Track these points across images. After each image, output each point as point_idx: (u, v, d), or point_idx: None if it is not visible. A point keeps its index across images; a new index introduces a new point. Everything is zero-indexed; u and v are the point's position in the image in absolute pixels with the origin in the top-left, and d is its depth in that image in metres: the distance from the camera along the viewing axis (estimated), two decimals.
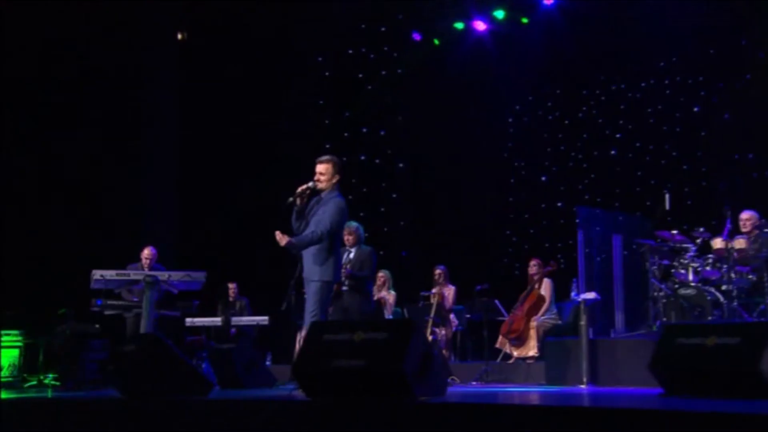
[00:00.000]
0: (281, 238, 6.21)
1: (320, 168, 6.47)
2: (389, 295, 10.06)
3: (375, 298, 8.91)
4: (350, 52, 13.38)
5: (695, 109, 11.84)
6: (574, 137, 12.78)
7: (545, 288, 9.60)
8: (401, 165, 13.28)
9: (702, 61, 11.47)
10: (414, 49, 13.02)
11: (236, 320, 10.49)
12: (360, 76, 13.39)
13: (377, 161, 13.10)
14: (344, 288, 7.64)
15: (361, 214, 11.17)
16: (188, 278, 9.03)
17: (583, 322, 8.13)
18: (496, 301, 9.57)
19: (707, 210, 9.52)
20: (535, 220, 12.72)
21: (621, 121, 12.40)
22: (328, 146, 13.11)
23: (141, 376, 5.68)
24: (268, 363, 10.09)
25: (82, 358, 9.52)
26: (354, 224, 7.87)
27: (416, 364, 5.04)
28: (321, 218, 6.35)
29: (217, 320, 10.32)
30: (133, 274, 9.02)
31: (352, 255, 7.88)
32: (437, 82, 13.06)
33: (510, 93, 13.11)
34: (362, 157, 13.29)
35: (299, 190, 6.37)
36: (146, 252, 9.64)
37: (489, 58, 12.93)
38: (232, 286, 11.24)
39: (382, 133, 13.39)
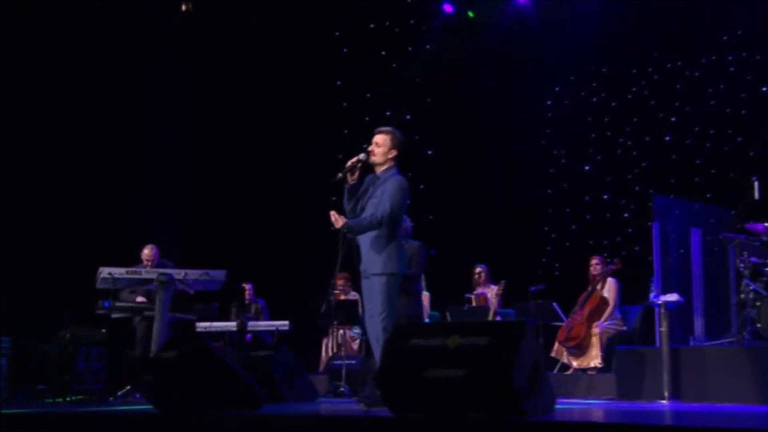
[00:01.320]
0: (336, 219, 5.88)
1: (377, 138, 6.18)
2: (423, 297, 9.64)
3: None
4: (372, 26, 12.92)
5: (764, 89, 11.54)
6: (623, 122, 12.45)
7: (609, 289, 9.29)
8: (429, 152, 12.81)
9: None
10: (445, 23, 12.67)
11: (253, 325, 10.02)
12: (383, 53, 12.91)
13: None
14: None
15: None
16: (206, 277, 8.64)
17: (663, 329, 7.78)
18: (555, 304, 9.22)
19: None
20: (594, 213, 12.36)
21: (677, 103, 12.08)
22: (346, 132, 12.76)
23: (182, 387, 5.23)
24: None
25: (77, 367, 9.00)
26: None
27: (526, 375, 4.64)
28: (380, 200, 6.01)
29: (231, 325, 9.81)
30: (144, 272, 8.57)
31: None
32: (470, 60, 12.69)
33: (550, 72, 12.81)
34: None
35: (349, 163, 6.05)
36: (146, 252, 9.23)
37: (528, 32, 12.62)
38: (247, 287, 10.78)
39: (408, 117, 12.90)
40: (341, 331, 10.00)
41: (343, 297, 10.06)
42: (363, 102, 12.93)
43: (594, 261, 9.42)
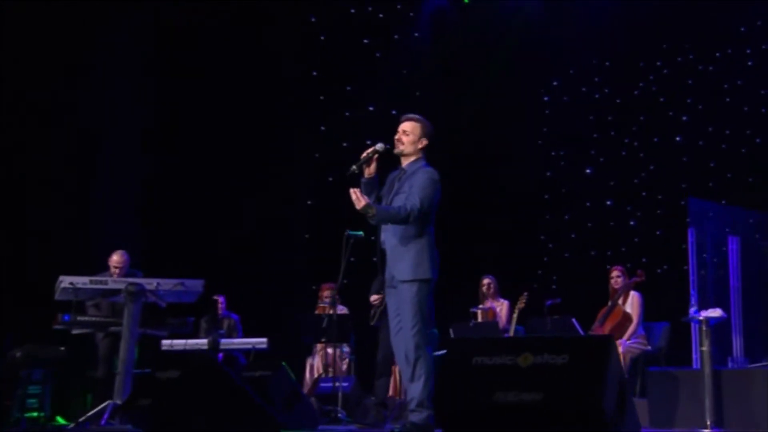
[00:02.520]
0: (359, 198, 5.50)
1: (405, 126, 5.96)
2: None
3: None
4: (352, 11, 12.56)
5: None
6: (629, 120, 12.30)
7: (632, 304, 9.01)
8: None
9: None
10: (436, 9, 12.42)
11: (226, 343, 9.49)
12: (365, 41, 12.48)
13: (387, 146, 12.14)
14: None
15: None
16: (181, 288, 8.12)
17: (705, 348, 7.47)
18: (574, 320, 8.84)
19: None
20: (602, 220, 12.24)
21: (689, 100, 11.96)
22: (323, 128, 12.32)
23: (186, 411, 4.90)
24: None
25: (20, 391, 8.42)
26: None
27: (614, 399, 4.22)
28: (408, 194, 5.73)
29: (201, 342, 9.24)
30: (111, 282, 7.99)
31: None
32: (462, 51, 12.44)
33: (548, 65, 12.66)
34: (368, 142, 12.29)
35: (364, 154, 5.82)
36: (116, 258, 8.74)
37: (524, 20, 12.44)
38: (219, 300, 10.23)
39: (394, 112, 12.42)
40: (329, 350, 9.48)
41: (330, 311, 9.53)
42: (342, 95, 12.52)
43: (615, 273, 9.15)
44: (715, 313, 7.57)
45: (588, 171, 12.57)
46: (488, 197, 12.39)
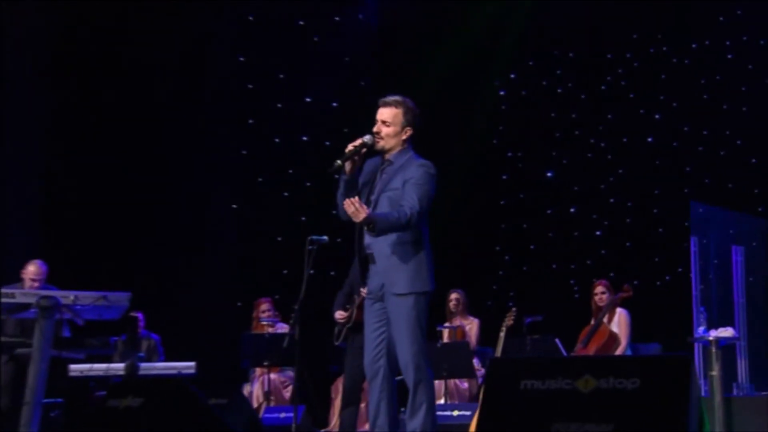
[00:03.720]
0: (358, 210, 5.05)
1: (384, 113, 5.49)
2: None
3: None
4: None
5: None
6: (595, 118, 12.16)
7: (619, 322, 8.80)
8: (363, 150, 11.90)
9: None
10: None
11: (146, 367, 8.83)
12: (301, 23, 12.05)
13: (327, 143, 11.74)
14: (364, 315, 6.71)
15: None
16: (103, 302, 7.37)
17: (715, 373, 7.31)
18: (557, 341, 8.55)
19: None
20: (568, 229, 12.07)
21: (662, 97, 11.93)
22: (251, 122, 11.95)
23: None
24: None
25: None
26: None
27: (696, 427, 3.79)
28: (404, 192, 5.36)
29: (117, 367, 8.56)
30: (20, 295, 7.24)
31: None
32: (412, 34, 12.00)
33: (504, 55, 12.39)
34: (304, 138, 12.00)
35: (349, 147, 5.38)
36: (32, 269, 8.41)
37: (479, 3, 12.10)
38: (138, 317, 9.55)
39: (335, 104, 12.11)
40: (272, 375, 8.99)
41: (270, 330, 9.16)
42: (274, 84, 11.93)
43: (599, 288, 8.93)
44: (727, 332, 7.38)
45: (549, 174, 12.33)
46: (437, 202, 11.95)
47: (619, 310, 8.83)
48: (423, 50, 11.97)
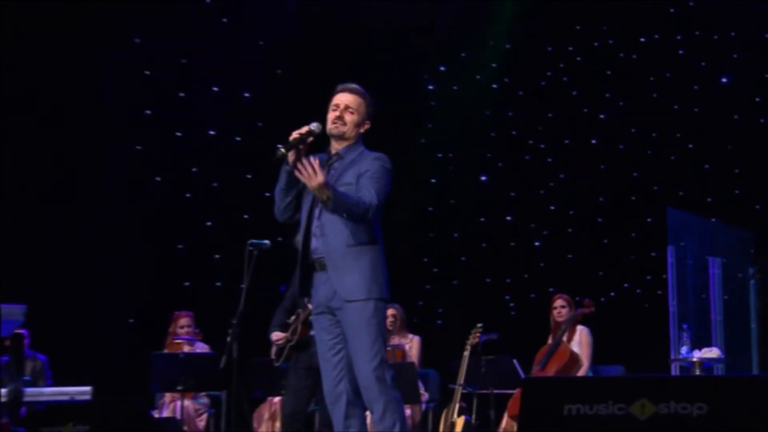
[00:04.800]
0: (315, 173, 4.98)
1: (348, 99, 5.49)
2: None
3: None
4: None
5: (723, 80, 11.67)
6: (534, 117, 12.18)
7: (581, 342, 8.68)
8: (280, 148, 11.53)
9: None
10: None
11: (32, 393, 8.50)
12: (207, 1, 11.62)
13: (237, 139, 11.46)
14: (312, 332, 6.50)
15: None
16: None
17: None
18: (515, 362, 8.41)
19: None
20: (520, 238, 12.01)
21: (607, 95, 12.06)
22: (148, 113, 11.42)
23: None
24: None
25: None
26: None
27: None
28: (362, 186, 5.34)
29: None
30: None
31: None
32: (335, 21, 11.77)
33: (433, 46, 12.19)
34: (211, 131, 11.59)
35: (294, 136, 5.28)
36: None
37: None
38: (22, 335, 8.98)
39: (246, 95, 11.75)
40: (186, 402, 8.60)
41: (187, 348, 8.78)
42: (175, 70, 11.40)
43: (558, 302, 8.82)
44: (712, 353, 7.38)
45: (483, 178, 12.17)
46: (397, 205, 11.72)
47: (579, 327, 8.70)
48: (347, 38, 11.73)
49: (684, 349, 7.42)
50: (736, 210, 10.56)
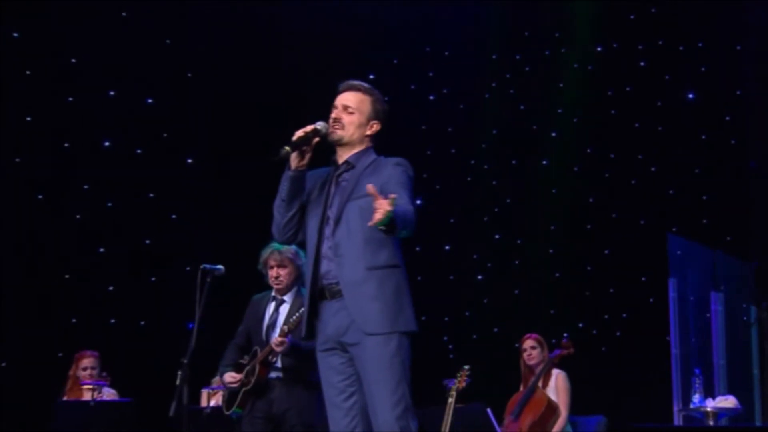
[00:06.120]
0: (383, 203, 4.64)
1: (348, 98, 5.39)
2: None
3: None
4: None
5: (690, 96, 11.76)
6: (476, 133, 12.05)
7: (558, 388, 8.72)
8: (190, 161, 11.52)
9: None
10: None
11: None
12: None
13: (138, 151, 11.04)
14: (273, 374, 7.00)
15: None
16: None
17: None
18: (489, 411, 8.44)
19: None
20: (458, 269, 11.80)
21: (559, 110, 12.04)
22: (28, 119, 10.94)
23: None
24: None
25: None
26: (279, 247, 7.10)
27: None
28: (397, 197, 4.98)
29: None
30: None
31: (287, 307, 7.15)
32: (253, 23, 11.51)
33: (362, 51, 11.94)
34: (106, 144, 11.20)
35: (299, 134, 5.15)
36: None
37: None
38: None
39: (149, 101, 11.32)
40: None
41: (95, 395, 8.41)
42: (64, 70, 11.05)
43: (528, 343, 8.84)
44: (729, 403, 7.49)
45: (418, 202, 11.77)
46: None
47: (555, 371, 8.74)
48: (267, 35, 11.58)
49: (696, 398, 7.41)
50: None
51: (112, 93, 11.13)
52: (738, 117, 11.51)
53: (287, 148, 5.08)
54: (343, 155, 5.26)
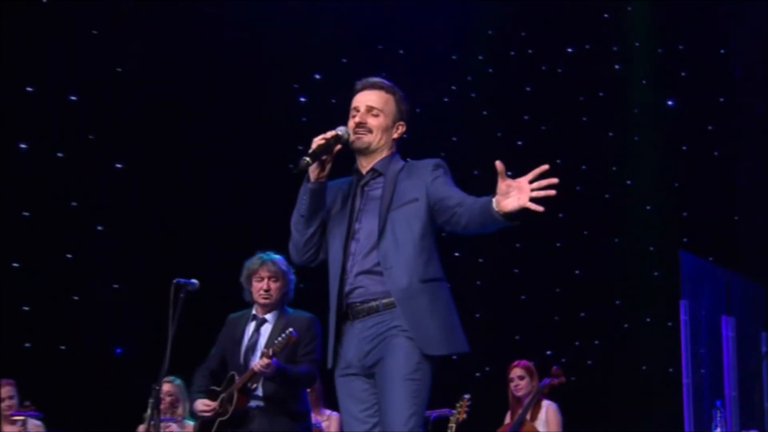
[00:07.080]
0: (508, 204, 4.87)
1: (372, 98, 5.29)
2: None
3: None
4: None
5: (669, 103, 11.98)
6: (438, 141, 11.67)
7: (547, 419, 8.76)
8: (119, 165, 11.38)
9: None
10: None
11: None
12: None
13: (59, 155, 10.82)
14: (253, 403, 6.88)
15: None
16: None
17: None
18: None
19: None
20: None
21: (526, 117, 12.28)
22: None
23: None
24: None
25: None
26: (273, 256, 7.09)
27: None
28: (445, 192, 5.18)
29: None
30: None
31: (269, 327, 7.05)
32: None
33: (306, 48, 11.94)
34: (22, 146, 10.99)
35: (319, 142, 5.10)
36: None
37: None
38: None
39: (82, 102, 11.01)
40: None
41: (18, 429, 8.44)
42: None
43: (516, 372, 8.84)
44: None
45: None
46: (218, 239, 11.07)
47: (545, 402, 8.77)
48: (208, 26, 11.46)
49: (718, 431, 7.23)
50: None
51: (30, 89, 10.96)
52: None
53: (307, 158, 5.01)
54: (365, 164, 5.17)
